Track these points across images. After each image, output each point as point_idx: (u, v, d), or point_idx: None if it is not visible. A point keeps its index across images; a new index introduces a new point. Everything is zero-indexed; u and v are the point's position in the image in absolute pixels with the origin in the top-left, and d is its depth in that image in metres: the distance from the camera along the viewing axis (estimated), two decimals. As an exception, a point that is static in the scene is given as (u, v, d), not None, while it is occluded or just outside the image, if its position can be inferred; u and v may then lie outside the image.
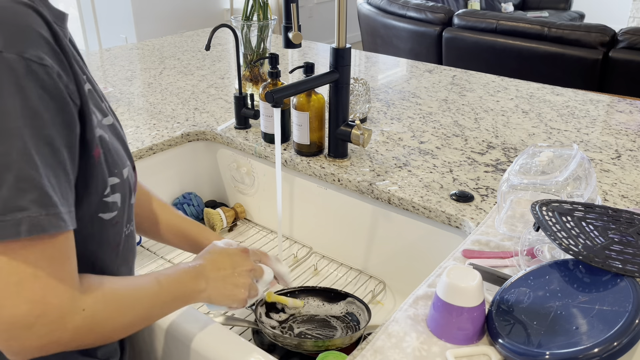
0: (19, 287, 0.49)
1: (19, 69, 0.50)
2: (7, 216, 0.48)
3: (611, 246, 0.72)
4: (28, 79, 0.50)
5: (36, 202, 0.49)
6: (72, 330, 0.54)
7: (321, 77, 1.15)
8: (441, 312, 0.72)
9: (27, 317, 0.50)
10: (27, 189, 0.49)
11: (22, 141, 0.49)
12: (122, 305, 0.60)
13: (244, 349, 0.77)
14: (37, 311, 0.51)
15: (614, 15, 6.32)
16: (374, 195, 1.16)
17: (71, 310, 0.53)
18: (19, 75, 0.50)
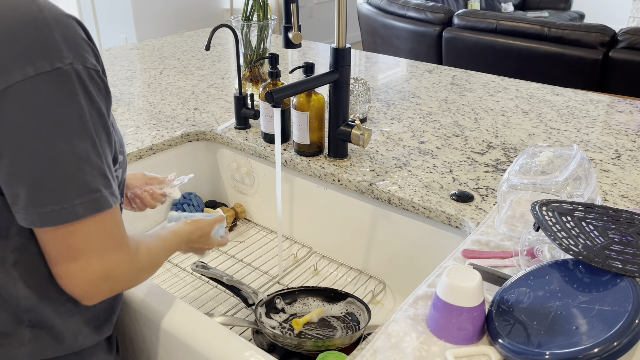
0: (102, 250, 0.64)
1: (85, 77, 0.60)
2: (88, 197, 0.61)
3: (611, 246, 0.72)
4: (92, 85, 0.61)
5: (103, 185, 0.63)
6: (131, 278, 0.70)
7: (321, 77, 1.15)
8: (441, 312, 0.72)
9: (106, 271, 0.65)
10: (97, 175, 0.62)
11: (92, 136, 0.62)
12: (154, 259, 0.75)
13: (244, 349, 0.77)
14: (113, 266, 0.65)
15: (614, 15, 6.32)
16: (374, 195, 1.16)
17: (132, 264, 0.68)
18: (86, 84, 0.61)
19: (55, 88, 0.58)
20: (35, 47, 0.57)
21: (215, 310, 1.14)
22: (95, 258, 0.64)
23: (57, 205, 0.60)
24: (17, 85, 0.57)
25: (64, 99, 0.59)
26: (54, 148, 0.59)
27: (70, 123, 0.59)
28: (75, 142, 0.60)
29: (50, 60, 0.58)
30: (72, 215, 0.61)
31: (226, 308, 1.15)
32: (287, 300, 1.07)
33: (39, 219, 0.61)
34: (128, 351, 0.96)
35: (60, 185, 0.60)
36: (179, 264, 1.29)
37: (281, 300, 1.07)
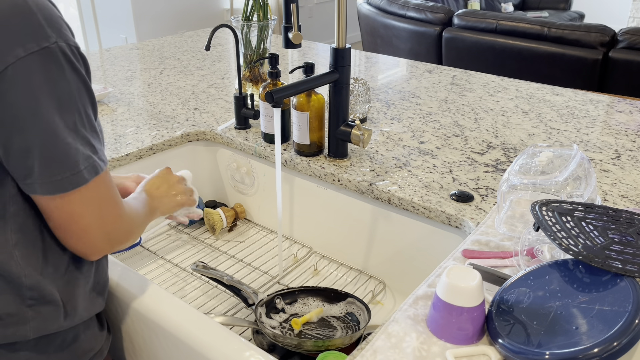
0: (100, 209, 0.70)
1: (69, 53, 0.65)
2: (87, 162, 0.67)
3: (611, 246, 0.72)
4: (76, 60, 0.66)
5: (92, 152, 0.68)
6: (127, 231, 0.76)
7: (321, 77, 1.15)
8: (441, 312, 0.72)
9: (106, 227, 0.72)
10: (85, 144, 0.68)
11: (79, 109, 0.67)
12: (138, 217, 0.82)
13: (244, 349, 0.77)
14: (112, 222, 0.72)
15: (614, 15, 6.32)
16: (374, 195, 1.16)
17: (125, 220, 0.75)
18: (71, 59, 0.65)
19: (45, 66, 0.62)
20: (22, 30, 0.61)
21: (215, 310, 1.14)
22: (96, 218, 0.70)
23: (67, 173, 0.66)
24: (10, 67, 0.61)
25: (54, 76, 0.63)
26: (53, 122, 0.64)
27: (62, 97, 0.64)
28: (66, 115, 0.65)
29: (38, 41, 0.62)
30: (81, 179, 0.67)
31: (226, 308, 1.15)
32: (287, 300, 1.07)
33: (53, 187, 0.66)
34: (128, 351, 0.96)
35: (65, 155, 0.65)
36: (179, 264, 1.29)
37: (281, 300, 1.07)
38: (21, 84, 0.61)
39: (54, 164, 0.65)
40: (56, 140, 0.64)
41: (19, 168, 0.66)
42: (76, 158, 0.66)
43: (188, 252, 1.35)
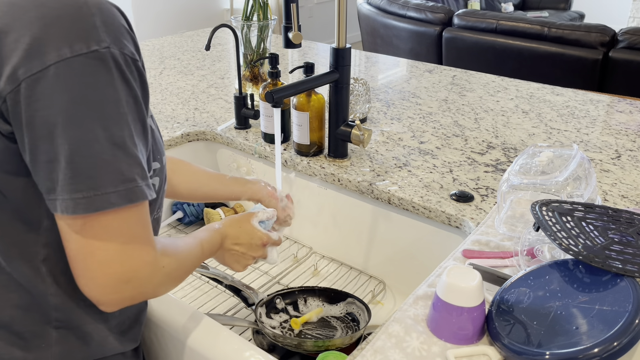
0: (125, 247, 0.60)
1: (122, 63, 0.59)
2: (123, 186, 0.59)
3: (611, 246, 0.72)
4: (128, 71, 0.60)
5: (140, 175, 0.60)
6: (155, 284, 0.65)
7: (321, 77, 1.15)
8: (441, 312, 0.72)
9: (128, 273, 0.61)
10: (133, 164, 0.60)
11: (128, 124, 0.60)
12: (184, 265, 0.72)
13: (244, 349, 0.77)
14: (135, 268, 0.61)
15: (614, 15, 6.32)
16: (374, 195, 1.16)
17: (156, 267, 0.64)
18: (123, 69, 0.59)
19: (91, 70, 0.57)
20: (73, 29, 0.57)
21: (215, 310, 1.14)
22: (117, 256, 0.60)
23: (90, 192, 0.57)
24: (53, 66, 0.56)
25: (101, 82, 0.58)
26: (90, 132, 0.57)
27: (106, 107, 0.58)
28: (111, 127, 0.58)
29: (87, 43, 0.57)
30: (106, 203, 0.58)
31: (226, 308, 1.15)
32: (287, 300, 1.07)
33: (72, 205, 0.58)
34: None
35: (95, 172, 0.58)
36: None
37: (281, 300, 1.07)
38: (61, 85, 0.56)
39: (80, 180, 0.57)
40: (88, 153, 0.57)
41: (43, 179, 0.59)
42: (111, 177, 0.59)
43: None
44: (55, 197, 0.59)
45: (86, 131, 0.57)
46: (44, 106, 0.56)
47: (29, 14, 0.57)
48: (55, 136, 0.57)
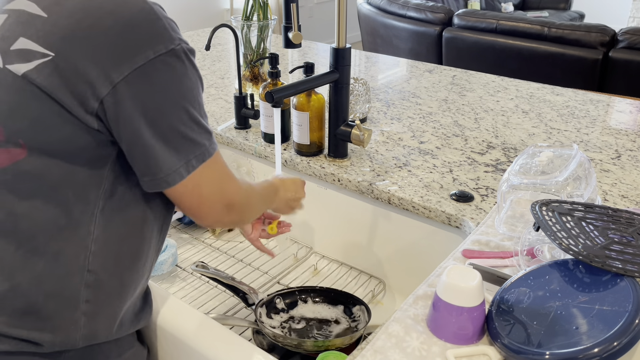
0: (221, 185, 0.76)
1: (189, 54, 0.71)
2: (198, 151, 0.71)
3: (611, 246, 0.72)
4: (193, 59, 0.72)
5: (207, 139, 0.73)
6: (244, 207, 0.81)
7: (321, 77, 1.15)
8: (441, 312, 0.72)
9: (228, 202, 0.77)
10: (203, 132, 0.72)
11: (200, 103, 0.72)
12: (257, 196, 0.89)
13: (244, 348, 0.77)
14: (232, 195, 0.77)
15: (614, 15, 6.32)
16: (374, 195, 1.16)
17: (243, 194, 0.80)
18: (191, 60, 0.71)
19: (172, 66, 0.67)
20: (151, 34, 0.66)
21: (215, 310, 1.14)
22: (217, 196, 0.75)
23: (190, 155, 0.70)
24: (142, 67, 0.65)
25: (179, 75, 0.68)
26: (177, 117, 0.69)
27: (187, 94, 0.70)
28: (190, 110, 0.70)
29: (165, 44, 0.67)
30: (190, 167, 0.71)
31: (226, 308, 1.15)
32: (287, 300, 1.07)
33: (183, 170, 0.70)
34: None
35: (187, 145, 0.70)
36: (179, 264, 1.29)
37: (281, 300, 1.07)
38: (151, 83, 0.66)
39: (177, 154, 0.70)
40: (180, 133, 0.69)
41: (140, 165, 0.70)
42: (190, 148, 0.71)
43: (188, 252, 1.35)
44: (160, 175, 0.70)
45: (174, 117, 0.68)
46: (138, 102, 0.66)
47: (105, 21, 0.64)
48: (153, 125, 0.67)
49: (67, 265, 0.70)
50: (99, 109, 0.65)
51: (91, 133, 0.67)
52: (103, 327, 0.74)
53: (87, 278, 0.72)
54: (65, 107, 0.65)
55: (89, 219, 0.71)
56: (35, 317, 0.70)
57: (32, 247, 0.69)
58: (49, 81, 0.64)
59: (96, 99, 0.64)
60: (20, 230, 0.69)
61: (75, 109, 0.65)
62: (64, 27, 0.64)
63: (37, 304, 0.70)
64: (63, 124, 0.66)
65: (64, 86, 0.64)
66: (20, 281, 0.69)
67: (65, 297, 0.71)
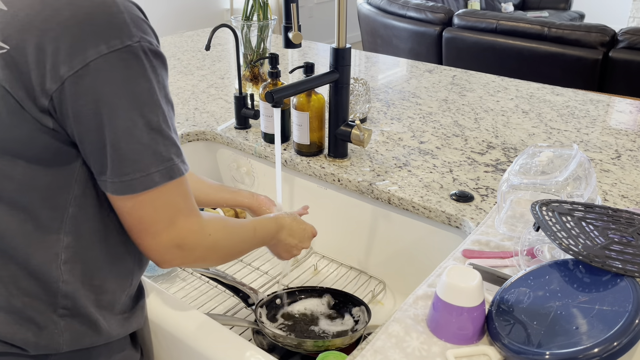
0: (172, 219, 0.68)
1: (150, 54, 0.64)
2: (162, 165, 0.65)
3: (611, 246, 0.72)
4: (155, 60, 0.65)
5: (175, 154, 0.67)
6: (204, 249, 0.72)
7: (321, 77, 1.15)
8: (441, 312, 0.72)
9: (177, 240, 0.68)
10: (169, 145, 0.66)
11: (161, 108, 0.66)
12: (233, 237, 0.79)
13: (244, 349, 0.77)
14: (183, 235, 0.69)
15: (614, 15, 6.32)
16: (374, 195, 1.16)
17: (202, 235, 0.71)
18: (151, 59, 0.65)
19: (127, 64, 0.62)
20: (107, 27, 0.62)
21: (215, 310, 1.14)
22: (166, 227, 0.67)
23: (137, 174, 0.64)
24: (93, 62, 0.60)
25: (135, 74, 0.63)
26: (130, 120, 0.63)
27: (141, 96, 0.64)
28: (147, 114, 0.64)
29: (121, 39, 0.62)
30: (151, 182, 0.65)
31: (226, 308, 1.15)
32: (287, 300, 1.07)
33: (122, 187, 0.65)
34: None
35: (138, 155, 0.64)
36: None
37: (281, 301, 1.07)
38: (102, 80, 0.61)
39: (126, 163, 0.64)
40: (131, 139, 0.63)
41: (94, 164, 0.65)
42: (151, 159, 0.65)
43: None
44: (105, 179, 0.65)
45: (127, 120, 0.63)
46: (89, 101, 0.61)
47: (63, 12, 0.60)
48: (102, 126, 0.62)
49: (39, 272, 0.68)
50: (49, 106, 0.62)
51: (49, 133, 0.63)
52: (86, 331, 0.73)
53: (63, 288, 0.70)
54: (20, 104, 0.62)
55: (58, 225, 0.68)
56: (18, 316, 0.69)
57: (2, 249, 0.67)
58: (4, 75, 0.61)
59: (46, 96, 0.61)
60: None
61: (28, 105, 0.62)
62: (22, 19, 0.61)
63: (17, 305, 0.69)
64: (20, 122, 0.62)
65: (19, 80, 0.61)
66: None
67: (43, 300, 0.69)
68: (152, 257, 0.71)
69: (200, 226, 0.71)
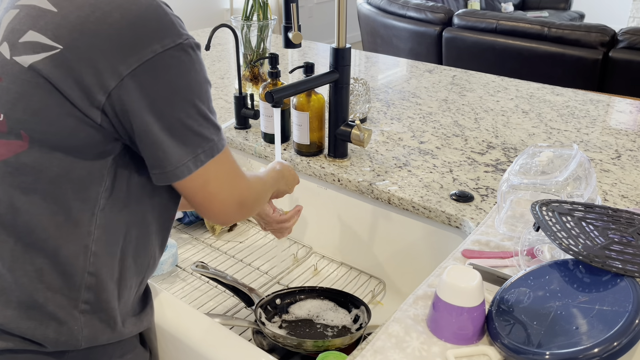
0: (231, 182, 0.77)
1: (196, 49, 0.71)
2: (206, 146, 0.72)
3: (611, 246, 0.72)
4: (199, 54, 0.72)
5: (215, 134, 0.74)
6: (253, 201, 0.83)
7: (321, 77, 1.15)
8: (441, 312, 0.72)
9: (238, 199, 0.77)
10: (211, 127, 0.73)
11: (207, 97, 0.72)
12: (262, 185, 0.92)
13: (244, 349, 0.77)
14: (242, 191, 0.78)
15: (614, 15, 6.32)
16: (374, 195, 1.16)
17: (252, 188, 0.81)
18: (198, 54, 0.71)
19: (179, 60, 0.68)
20: (158, 28, 0.67)
21: (215, 310, 1.14)
22: (227, 193, 0.76)
23: (198, 150, 0.71)
24: (150, 60, 0.65)
25: (187, 68, 0.69)
26: (184, 111, 0.69)
27: (193, 88, 0.70)
28: (197, 104, 0.70)
29: (173, 38, 0.68)
30: (199, 162, 0.71)
31: (226, 308, 1.15)
32: (287, 300, 1.07)
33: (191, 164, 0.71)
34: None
35: (195, 140, 0.71)
36: (179, 264, 1.29)
37: (281, 301, 1.07)
38: (159, 76, 0.66)
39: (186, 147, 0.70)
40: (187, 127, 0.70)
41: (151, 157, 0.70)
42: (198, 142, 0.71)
43: (188, 252, 1.35)
44: (169, 168, 0.70)
45: (182, 111, 0.69)
46: (146, 95, 0.66)
47: (113, 15, 0.65)
48: (161, 119, 0.68)
49: (66, 264, 0.70)
50: (106, 102, 0.65)
51: (94, 127, 0.67)
52: (104, 328, 0.74)
53: (88, 280, 0.71)
54: (70, 100, 0.65)
55: (89, 218, 0.70)
56: (39, 312, 0.70)
57: (30, 242, 0.69)
58: (56, 73, 0.64)
59: (104, 92, 0.65)
60: (19, 223, 0.69)
61: (79, 101, 0.65)
62: (73, 20, 0.64)
63: (40, 300, 0.70)
64: (66, 116, 0.66)
65: (71, 78, 0.64)
66: (21, 275, 0.69)
67: (66, 295, 0.71)
68: (221, 219, 0.78)
69: (248, 182, 0.80)
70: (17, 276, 0.70)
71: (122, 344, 0.78)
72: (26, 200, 0.68)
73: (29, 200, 0.68)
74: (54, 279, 0.70)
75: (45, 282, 0.70)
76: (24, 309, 0.70)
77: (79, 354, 0.73)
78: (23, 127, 0.67)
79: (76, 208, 0.70)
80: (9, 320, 0.70)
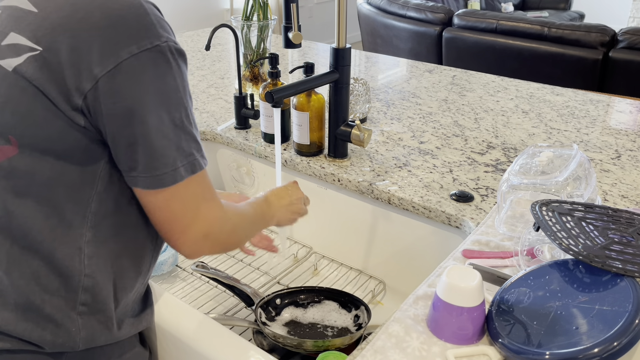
0: (199, 209, 0.71)
1: (175, 53, 0.68)
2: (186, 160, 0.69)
3: (611, 246, 0.72)
4: (180, 60, 0.69)
5: (195, 149, 0.70)
6: (227, 234, 0.77)
7: (321, 77, 1.15)
8: (441, 312, 0.72)
9: (204, 229, 0.72)
10: (190, 140, 0.69)
11: (184, 106, 0.69)
12: (245, 219, 0.84)
13: (244, 349, 0.77)
14: (210, 222, 0.72)
15: (614, 15, 6.32)
16: (374, 195, 1.16)
17: (225, 219, 0.75)
18: (176, 58, 0.68)
19: (155, 62, 0.65)
20: (137, 28, 0.65)
21: (215, 310, 1.14)
22: (193, 219, 0.71)
23: (166, 169, 0.67)
24: (125, 62, 0.63)
25: (163, 72, 0.66)
26: (158, 117, 0.66)
27: (169, 94, 0.67)
28: (172, 111, 0.67)
29: (150, 40, 0.65)
30: (178, 176, 0.68)
31: (226, 308, 1.15)
32: (287, 300, 1.07)
33: (153, 181, 0.68)
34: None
35: (166, 151, 0.67)
36: (179, 264, 1.29)
37: (281, 301, 1.07)
38: (133, 79, 0.64)
39: (155, 159, 0.67)
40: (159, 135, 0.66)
41: (124, 160, 0.68)
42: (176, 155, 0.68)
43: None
44: (136, 174, 0.68)
45: (156, 116, 0.66)
46: (121, 98, 0.64)
47: (95, 15, 0.64)
48: (133, 123, 0.65)
49: (62, 266, 0.70)
50: (83, 105, 0.64)
51: (80, 130, 0.66)
52: (102, 329, 0.74)
53: (85, 281, 0.71)
54: (54, 103, 0.64)
55: (82, 220, 0.70)
56: (36, 314, 0.70)
57: (26, 244, 0.69)
58: (38, 75, 0.63)
59: (80, 94, 0.64)
60: (14, 226, 0.69)
61: (61, 104, 0.64)
62: (53, 21, 0.64)
63: (37, 302, 0.70)
64: (52, 119, 0.65)
65: (52, 80, 0.63)
66: (18, 277, 0.69)
67: (63, 297, 0.71)
68: (183, 250, 0.73)
69: (222, 211, 0.75)
70: (14, 278, 0.69)
71: (120, 344, 0.78)
72: (20, 204, 0.68)
73: (23, 204, 0.68)
74: (50, 281, 0.70)
75: (41, 284, 0.70)
76: (21, 311, 0.70)
77: (77, 354, 0.73)
78: (11, 132, 0.66)
79: (69, 210, 0.69)
80: (6, 322, 0.69)
